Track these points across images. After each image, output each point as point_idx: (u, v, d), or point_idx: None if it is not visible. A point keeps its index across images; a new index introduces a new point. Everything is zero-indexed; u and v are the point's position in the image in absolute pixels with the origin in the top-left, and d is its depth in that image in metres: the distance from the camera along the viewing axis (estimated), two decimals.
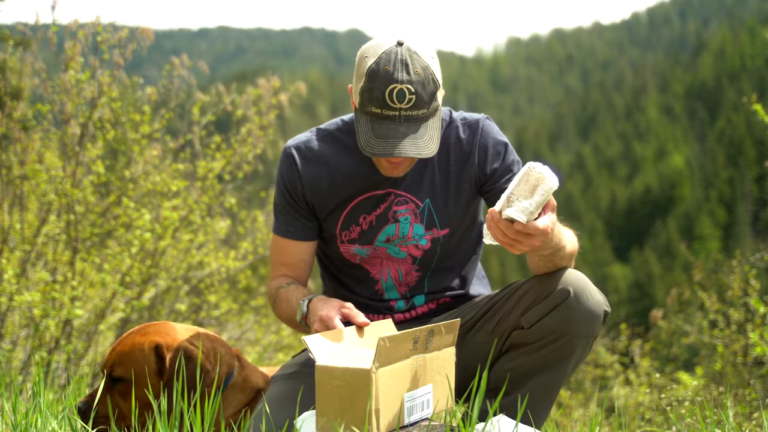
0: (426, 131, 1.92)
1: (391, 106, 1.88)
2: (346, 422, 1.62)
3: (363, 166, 2.11)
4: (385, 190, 2.12)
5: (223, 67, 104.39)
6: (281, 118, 5.46)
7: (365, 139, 1.91)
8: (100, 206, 4.51)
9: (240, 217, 5.54)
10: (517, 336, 1.97)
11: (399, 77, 1.87)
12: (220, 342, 2.09)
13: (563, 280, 1.92)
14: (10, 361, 3.81)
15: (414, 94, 1.88)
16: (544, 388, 1.96)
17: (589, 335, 1.92)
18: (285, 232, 2.18)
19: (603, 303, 1.93)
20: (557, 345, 1.91)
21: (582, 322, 1.89)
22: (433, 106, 1.93)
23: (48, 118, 4.28)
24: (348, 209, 2.13)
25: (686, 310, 6.97)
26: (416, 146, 1.89)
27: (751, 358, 4.35)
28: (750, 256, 5.33)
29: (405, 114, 1.89)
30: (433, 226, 2.14)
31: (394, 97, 1.87)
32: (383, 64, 1.89)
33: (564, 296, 1.89)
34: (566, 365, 1.95)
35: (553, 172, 1.69)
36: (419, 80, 1.89)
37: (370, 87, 1.89)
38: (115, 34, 4.36)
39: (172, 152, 5.10)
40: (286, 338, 6.39)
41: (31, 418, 1.89)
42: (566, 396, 5.70)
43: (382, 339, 1.59)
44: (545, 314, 1.91)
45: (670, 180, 49.22)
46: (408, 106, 1.88)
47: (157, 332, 2.01)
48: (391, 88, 1.87)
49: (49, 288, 3.90)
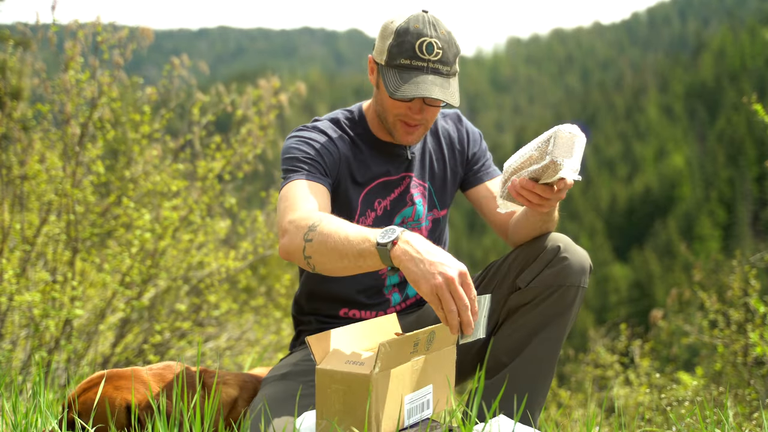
0: (450, 86, 2.01)
1: (420, 57, 1.97)
2: (346, 425, 1.62)
3: (380, 151, 2.18)
4: (401, 175, 2.20)
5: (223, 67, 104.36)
6: (281, 118, 5.46)
7: (394, 86, 1.97)
8: (100, 206, 4.51)
9: (240, 217, 5.54)
10: (513, 299, 2.03)
11: (428, 32, 1.99)
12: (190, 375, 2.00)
13: (551, 238, 2.03)
14: (10, 361, 3.81)
15: (441, 50, 1.99)
16: (545, 347, 2.00)
17: (580, 285, 2.00)
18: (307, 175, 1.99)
19: (588, 257, 2.04)
20: (553, 298, 1.98)
21: (575, 271, 1.98)
22: (455, 68, 2.04)
23: (48, 118, 4.28)
24: (363, 193, 2.17)
25: (686, 310, 6.97)
26: (444, 93, 1.97)
27: (751, 358, 4.35)
28: (750, 256, 5.33)
29: (433, 66, 1.98)
30: (434, 207, 2.26)
31: (424, 49, 1.97)
32: (413, 23, 2.00)
33: (555, 251, 1.99)
34: (564, 318, 2.00)
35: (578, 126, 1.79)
36: (445, 39, 2.01)
37: (400, 41, 1.98)
38: (115, 34, 4.36)
39: (172, 152, 5.10)
40: (286, 338, 6.39)
41: (31, 418, 1.89)
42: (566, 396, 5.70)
43: (383, 344, 1.59)
44: (540, 271, 1.99)
45: (670, 180, 49.24)
46: (436, 59, 1.98)
47: (128, 386, 1.88)
48: (421, 41, 1.97)
49: (49, 288, 3.90)
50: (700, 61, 60.22)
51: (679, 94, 58.52)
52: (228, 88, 5.67)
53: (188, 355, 4.82)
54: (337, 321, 2.23)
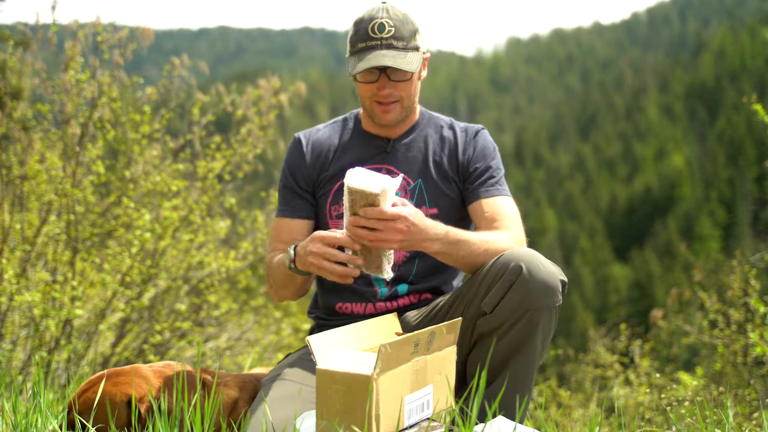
0: (407, 57, 2.13)
1: (373, 37, 2.12)
2: (346, 425, 1.62)
3: (360, 140, 2.31)
4: (378, 165, 2.26)
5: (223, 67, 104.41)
6: (281, 118, 5.46)
7: (352, 66, 2.14)
8: (100, 206, 4.51)
9: (240, 217, 5.53)
10: (482, 324, 2.00)
11: (380, 15, 2.14)
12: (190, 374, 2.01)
13: (514, 257, 1.97)
14: (11, 361, 3.81)
15: (393, 27, 2.13)
16: (521, 370, 1.99)
17: (549, 305, 1.95)
18: (281, 212, 2.35)
19: (557, 273, 1.98)
20: (522, 323, 1.95)
21: (540, 294, 1.93)
22: (414, 43, 2.15)
23: (48, 118, 4.28)
24: (339, 182, 2.25)
25: (686, 310, 6.97)
26: (395, 61, 2.10)
27: (751, 358, 4.35)
28: (750, 256, 5.33)
29: (386, 42, 2.12)
30: (423, 204, 2.25)
31: (376, 29, 2.12)
32: (367, 13, 2.17)
33: (517, 272, 1.94)
34: (535, 341, 1.97)
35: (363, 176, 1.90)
36: (398, 18, 2.15)
37: (356, 30, 2.16)
38: (115, 34, 4.36)
39: (172, 152, 5.09)
40: (286, 338, 6.39)
41: (31, 418, 1.89)
42: (566, 396, 5.70)
43: (384, 345, 1.59)
44: (504, 294, 1.95)
45: (670, 180, 49.24)
46: (389, 35, 2.12)
47: (129, 383, 1.91)
48: (373, 23, 2.13)
49: (49, 288, 3.89)
50: (700, 61, 60.23)
51: (679, 94, 58.52)
52: (228, 88, 5.66)
53: (188, 355, 4.82)
54: (336, 317, 2.30)
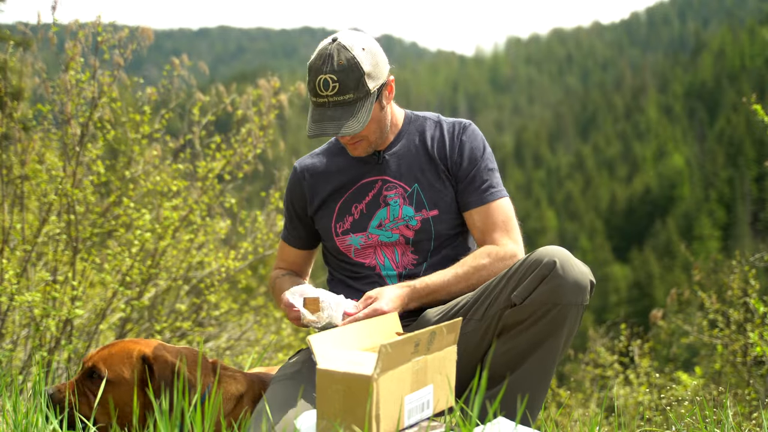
0: (354, 113, 2.16)
1: (320, 94, 2.16)
2: (347, 425, 1.62)
3: (352, 161, 2.35)
4: (373, 178, 2.31)
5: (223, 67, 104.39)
6: (281, 118, 5.46)
7: (308, 125, 2.21)
8: (100, 206, 4.51)
9: (240, 217, 5.53)
10: (509, 315, 2.02)
11: (324, 68, 2.15)
12: (205, 359, 2.12)
13: (547, 252, 2.00)
14: (11, 360, 3.82)
15: (338, 82, 2.13)
16: (540, 366, 2.01)
17: (578, 303, 1.98)
18: (284, 236, 2.52)
19: (588, 273, 2.01)
20: (549, 317, 1.97)
21: (571, 290, 1.96)
22: (363, 90, 2.16)
23: (48, 118, 4.28)
24: (341, 201, 2.32)
25: (686, 310, 6.97)
26: (338, 126, 2.15)
27: (750, 357, 4.36)
28: (750, 256, 5.33)
29: (332, 100, 2.15)
30: (423, 208, 2.28)
31: (321, 86, 2.15)
32: (315, 60, 2.18)
33: (551, 267, 1.96)
34: (559, 338, 2.00)
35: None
36: (342, 69, 2.14)
37: (308, 80, 2.20)
38: (115, 34, 4.36)
39: (172, 152, 5.10)
40: (286, 338, 6.40)
41: (31, 417, 1.89)
42: (566, 396, 5.71)
43: (384, 345, 1.59)
44: (535, 287, 1.97)
45: (669, 180, 49.20)
46: (333, 93, 2.14)
47: (148, 344, 2.06)
48: (318, 79, 2.15)
49: (50, 288, 3.90)
50: (700, 61, 60.21)
51: (678, 94, 58.49)
52: (228, 88, 5.66)
53: None
54: None
